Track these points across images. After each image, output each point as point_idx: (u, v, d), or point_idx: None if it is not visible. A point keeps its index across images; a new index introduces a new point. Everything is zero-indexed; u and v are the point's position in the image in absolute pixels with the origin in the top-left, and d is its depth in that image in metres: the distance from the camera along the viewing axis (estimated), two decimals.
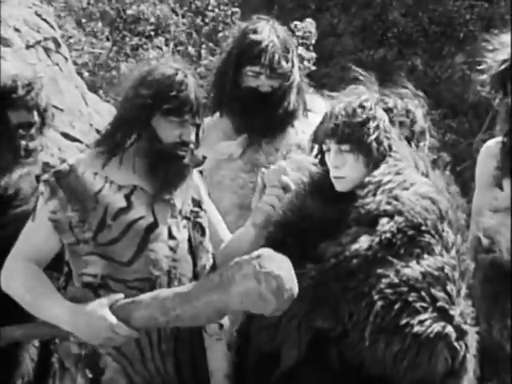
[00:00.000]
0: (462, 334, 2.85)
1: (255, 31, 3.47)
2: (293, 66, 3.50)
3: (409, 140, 3.76)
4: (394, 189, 2.91)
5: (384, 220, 2.86)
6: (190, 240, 2.90)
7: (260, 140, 3.49)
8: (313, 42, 9.12)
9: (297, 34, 8.72)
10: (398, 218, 2.86)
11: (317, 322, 2.83)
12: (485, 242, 3.23)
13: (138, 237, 2.82)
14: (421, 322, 2.78)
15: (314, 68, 8.82)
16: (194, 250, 2.90)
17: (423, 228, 2.87)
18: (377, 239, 2.83)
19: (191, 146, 2.86)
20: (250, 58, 3.45)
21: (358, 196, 2.92)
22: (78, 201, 2.81)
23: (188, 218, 2.92)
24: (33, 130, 3.30)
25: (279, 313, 2.63)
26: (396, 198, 2.89)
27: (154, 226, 2.84)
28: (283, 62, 3.45)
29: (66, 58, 5.62)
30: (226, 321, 2.91)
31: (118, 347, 2.79)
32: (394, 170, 2.96)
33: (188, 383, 2.90)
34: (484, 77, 3.37)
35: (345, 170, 2.99)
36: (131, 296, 2.75)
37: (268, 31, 3.47)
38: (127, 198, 2.84)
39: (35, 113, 3.31)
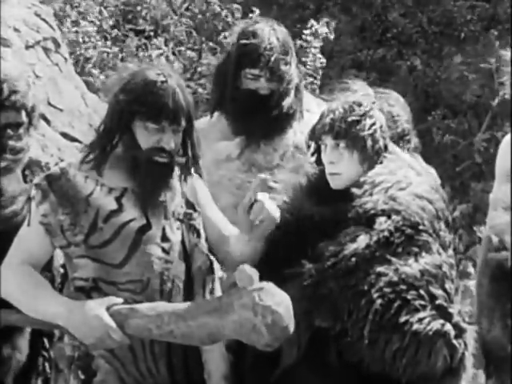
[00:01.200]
0: (460, 331, 2.86)
1: (255, 33, 3.46)
2: (291, 68, 3.50)
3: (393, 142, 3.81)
4: (390, 188, 2.92)
5: (382, 219, 2.87)
6: (183, 242, 2.91)
7: (258, 141, 3.49)
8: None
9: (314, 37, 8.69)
10: (395, 217, 2.87)
11: (316, 321, 2.83)
12: (495, 240, 3.25)
13: (130, 239, 2.82)
14: (420, 320, 2.79)
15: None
16: (189, 253, 2.90)
17: (420, 227, 2.89)
18: (375, 238, 2.85)
19: (172, 152, 2.85)
20: (249, 61, 3.44)
21: (355, 195, 2.94)
22: (69, 204, 2.81)
23: (181, 220, 2.92)
24: (21, 130, 3.29)
25: (271, 349, 2.64)
26: (393, 198, 2.90)
27: (146, 227, 2.84)
28: (282, 65, 3.45)
29: (66, 59, 5.61)
30: None
31: (110, 349, 2.79)
32: (388, 170, 2.97)
33: None
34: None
35: (340, 166, 3.00)
36: (124, 299, 2.76)
37: (268, 33, 3.46)
38: (118, 200, 2.84)
39: (23, 113, 3.30)
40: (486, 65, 9.91)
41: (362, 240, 2.85)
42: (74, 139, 5.28)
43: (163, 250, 2.85)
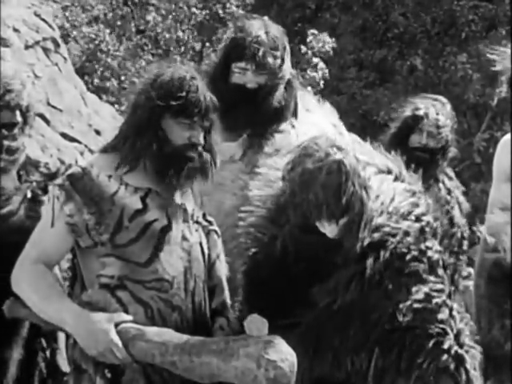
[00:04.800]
0: (461, 361, 2.82)
1: (243, 28, 3.46)
2: (282, 63, 3.49)
3: (434, 151, 3.80)
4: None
5: (371, 260, 2.81)
6: (200, 244, 2.93)
7: (261, 141, 3.48)
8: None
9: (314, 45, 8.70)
10: (383, 253, 2.81)
11: (318, 373, 2.82)
12: (491, 240, 3.23)
13: (154, 238, 2.83)
14: (421, 364, 2.75)
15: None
16: (207, 257, 2.94)
17: (407, 257, 2.83)
18: (367, 283, 2.80)
19: (199, 148, 2.88)
20: (236, 55, 3.43)
21: None
22: (93, 203, 2.81)
23: (198, 223, 2.95)
24: (16, 130, 3.29)
25: None
26: (376, 227, 2.83)
27: (167, 228, 2.86)
28: (269, 58, 3.43)
29: (65, 58, 5.62)
30: (232, 315, 2.95)
31: None
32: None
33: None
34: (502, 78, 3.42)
35: None
36: (149, 297, 2.79)
37: (256, 28, 3.46)
38: (143, 200, 2.85)
39: (18, 113, 3.30)
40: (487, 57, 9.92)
41: (355, 286, 2.81)
42: (73, 139, 5.29)
43: (184, 249, 2.87)
